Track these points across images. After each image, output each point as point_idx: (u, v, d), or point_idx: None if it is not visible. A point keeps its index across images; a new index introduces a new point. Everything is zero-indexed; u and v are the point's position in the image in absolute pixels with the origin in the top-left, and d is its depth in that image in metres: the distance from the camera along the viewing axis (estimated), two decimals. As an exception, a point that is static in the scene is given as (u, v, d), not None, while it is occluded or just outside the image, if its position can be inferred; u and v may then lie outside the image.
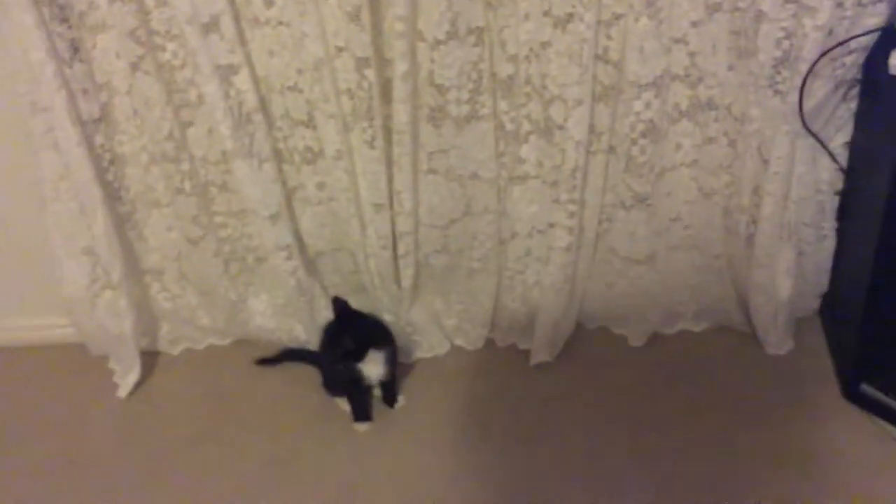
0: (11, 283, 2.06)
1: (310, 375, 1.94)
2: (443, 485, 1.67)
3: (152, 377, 2.04)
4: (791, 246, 1.75)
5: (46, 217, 1.85)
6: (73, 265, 1.91)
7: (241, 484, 1.72)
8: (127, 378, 1.99)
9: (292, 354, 2.01)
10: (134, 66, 1.68)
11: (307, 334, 2.00)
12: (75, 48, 1.67)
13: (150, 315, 2.06)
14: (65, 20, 1.65)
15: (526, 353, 1.97)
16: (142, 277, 2.00)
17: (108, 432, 1.89)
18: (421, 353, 2.02)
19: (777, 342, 1.88)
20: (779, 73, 1.58)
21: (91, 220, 1.82)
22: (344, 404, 1.85)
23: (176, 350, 2.12)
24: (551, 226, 1.83)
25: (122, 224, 1.90)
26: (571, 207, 1.74)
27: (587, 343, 2.00)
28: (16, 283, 2.06)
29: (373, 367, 1.77)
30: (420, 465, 1.73)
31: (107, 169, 1.83)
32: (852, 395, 1.73)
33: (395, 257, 1.91)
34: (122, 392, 1.98)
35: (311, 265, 1.98)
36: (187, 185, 1.83)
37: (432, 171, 1.79)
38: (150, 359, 2.07)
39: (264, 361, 2.01)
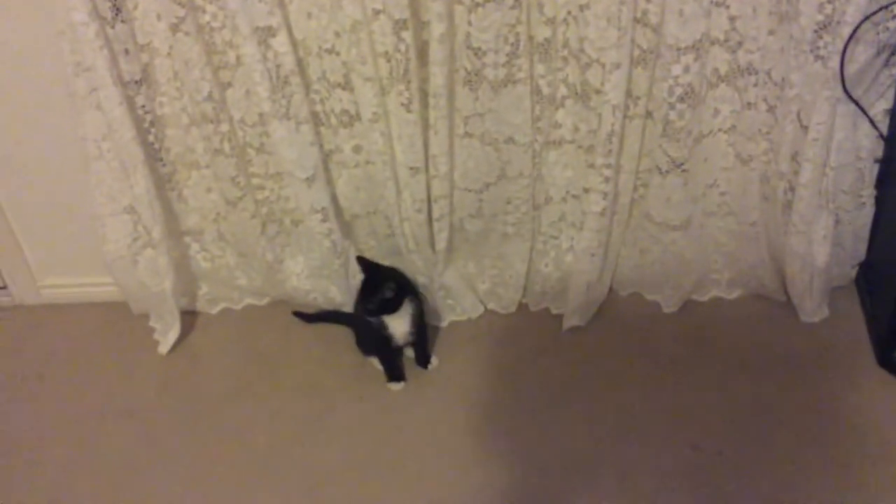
0: (58, 242, 2.11)
1: (345, 336, 1.98)
2: (474, 445, 1.70)
3: (192, 336, 2.08)
4: (829, 213, 1.74)
5: (90, 176, 1.88)
6: (115, 223, 1.95)
7: (276, 440, 1.76)
8: (167, 336, 2.04)
9: (328, 316, 2.04)
10: (174, 28, 1.69)
11: (342, 296, 2.03)
12: (117, 9, 1.68)
13: (189, 275, 2.10)
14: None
15: (558, 318, 1.98)
16: (181, 237, 2.04)
17: (150, 387, 1.94)
18: (454, 317, 2.04)
19: (812, 310, 1.87)
20: (820, 37, 1.55)
21: (133, 179, 1.85)
22: (378, 364, 1.88)
23: (215, 310, 2.16)
24: (586, 190, 1.83)
25: (163, 184, 1.93)
26: (607, 172, 1.74)
27: (620, 309, 2.01)
28: (62, 242, 2.11)
29: (399, 325, 1.80)
30: (452, 425, 1.75)
31: (148, 130, 1.85)
32: (886, 362, 1.73)
33: (430, 221, 1.92)
34: (163, 349, 2.03)
35: (346, 228, 2.00)
36: (226, 147, 1.85)
37: (468, 134, 1.79)
38: (189, 318, 2.11)
39: (300, 315, 2.06)
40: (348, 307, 1.99)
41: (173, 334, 2.04)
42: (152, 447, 1.77)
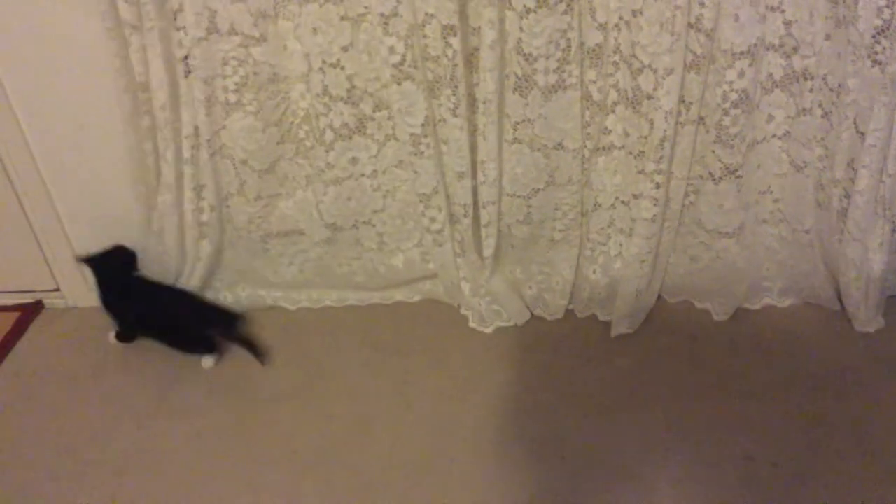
0: (109, 243, 2.14)
1: (393, 340, 1.98)
2: (521, 451, 1.69)
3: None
4: (885, 221, 1.71)
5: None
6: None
7: (325, 442, 1.76)
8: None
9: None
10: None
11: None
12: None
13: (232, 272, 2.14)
14: None
15: (606, 325, 1.97)
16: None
17: (200, 388, 1.95)
18: (500, 323, 2.03)
19: (867, 319, 1.84)
20: (878, 42, 1.53)
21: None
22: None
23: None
24: (636, 197, 1.81)
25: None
26: (658, 178, 1.73)
27: (669, 316, 1.99)
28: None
29: None
30: (499, 431, 1.74)
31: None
32: (945, 374, 1.69)
33: (478, 226, 1.92)
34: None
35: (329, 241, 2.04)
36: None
37: (517, 140, 1.79)
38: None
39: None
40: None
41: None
42: (203, 448, 1.79)
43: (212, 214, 1.96)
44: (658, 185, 1.74)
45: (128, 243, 2.04)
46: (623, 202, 1.87)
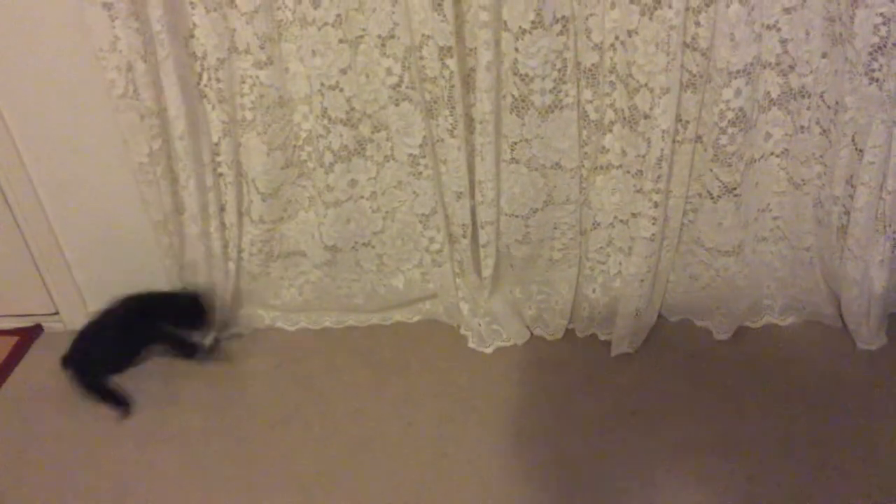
0: (108, 266, 2.14)
1: (392, 361, 1.98)
2: (521, 472, 1.68)
3: (238, 360, 2.09)
4: (886, 238, 1.70)
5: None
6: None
7: (323, 465, 1.75)
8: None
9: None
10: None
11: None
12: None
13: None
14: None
15: (606, 344, 1.96)
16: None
17: (197, 411, 1.95)
18: (500, 343, 2.02)
19: (869, 337, 1.83)
20: (875, 59, 1.53)
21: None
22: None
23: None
24: (634, 216, 1.81)
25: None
26: (656, 197, 1.72)
27: (669, 335, 1.98)
28: (112, 267, 2.14)
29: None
30: (498, 452, 1.73)
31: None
32: (949, 392, 1.68)
33: (477, 246, 1.92)
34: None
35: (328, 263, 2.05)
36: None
37: (514, 160, 1.79)
38: (234, 342, 2.14)
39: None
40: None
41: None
42: (199, 471, 1.78)
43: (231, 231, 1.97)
44: (656, 205, 1.73)
45: (125, 255, 2.07)
46: (622, 221, 1.86)
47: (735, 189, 1.73)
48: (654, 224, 1.76)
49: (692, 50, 1.58)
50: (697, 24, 1.55)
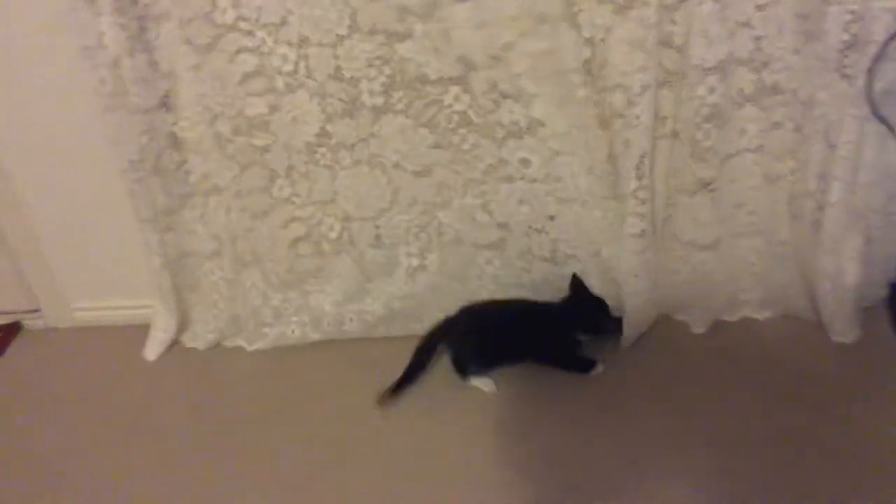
0: (90, 264, 2.14)
1: (376, 360, 1.99)
2: (504, 467, 1.69)
3: (220, 360, 2.10)
4: (859, 232, 1.72)
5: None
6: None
7: (306, 463, 1.76)
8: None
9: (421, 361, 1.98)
10: (209, 47, 1.74)
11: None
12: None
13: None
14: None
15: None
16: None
17: (180, 409, 1.95)
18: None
19: (844, 330, 1.85)
20: (846, 56, 1.55)
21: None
22: (483, 385, 1.90)
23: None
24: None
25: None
26: (642, 194, 1.74)
27: (648, 330, 1.99)
28: (94, 265, 2.14)
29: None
30: (482, 448, 1.75)
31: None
32: (921, 384, 1.70)
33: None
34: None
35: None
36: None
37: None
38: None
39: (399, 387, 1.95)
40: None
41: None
42: (181, 469, 1.78)
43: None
44: (643, 202, 1.75)
45: (106, 253, 2.07)
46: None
47: (711, 184, 1.75)
48: (642, 220, 1.77)
49: (667, 47, 1.60)
50: (673, 21, 1.57)
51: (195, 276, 2.08)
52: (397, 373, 1.90)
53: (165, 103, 1.82)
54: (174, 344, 2.14)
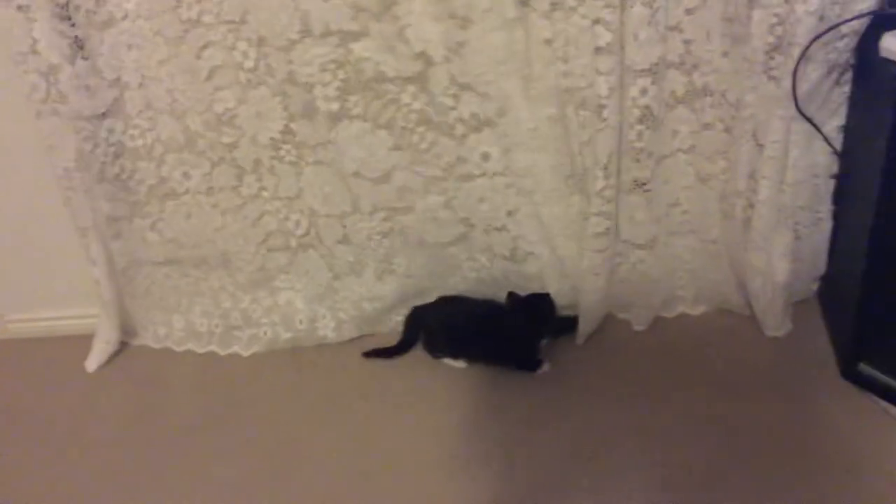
0: (24, 276, 2.11)
1: (316, 361, 1.99)
2: (448, 467, 1.70)
3: (160, 367, 2.08)
4: (788, 229, 1.77)
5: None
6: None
7: (245, 470, 1.75)
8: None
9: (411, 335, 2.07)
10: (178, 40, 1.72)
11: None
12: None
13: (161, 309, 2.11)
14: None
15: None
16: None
17: (117, 419, 1.92)
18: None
19: (775, 324, 1.90)
20: (772, 58, 1.60)
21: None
22: (453, 363, 1.97)
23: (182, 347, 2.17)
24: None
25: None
26: (608, 193, 1.78)
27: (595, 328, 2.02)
28: (28, 277, 2.11)
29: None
30: (425, 449, 1.76)
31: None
32: (850, 374, 1.75)
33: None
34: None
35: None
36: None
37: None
38: (157, 350, 2.12)
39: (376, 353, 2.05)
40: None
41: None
42: (120, 479, 1.76)
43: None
44: (609, 200, 1.78)
45: (40, 265, 2.04)
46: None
47: (646, 185, 1.79)
48: (608, 219, 1.81)
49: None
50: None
51: (144, 285, 2.05)
52: (351, 379, 1.93)
53: (111, 111, 1.79)
54: (117, 354, 2.11)
